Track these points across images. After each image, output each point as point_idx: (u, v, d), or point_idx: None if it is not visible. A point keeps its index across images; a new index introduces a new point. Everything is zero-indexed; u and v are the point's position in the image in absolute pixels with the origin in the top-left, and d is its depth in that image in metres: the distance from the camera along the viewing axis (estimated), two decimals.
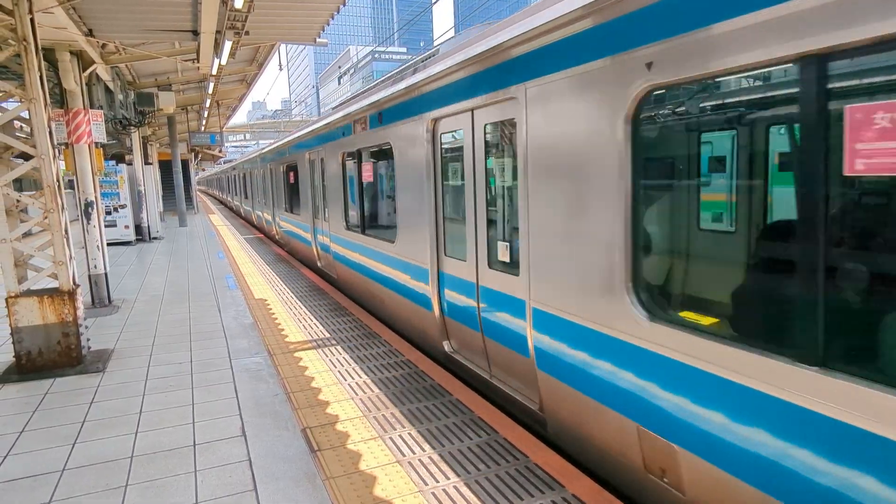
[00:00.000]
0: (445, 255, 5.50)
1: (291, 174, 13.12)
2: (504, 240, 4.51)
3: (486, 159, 4.71)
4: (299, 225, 12.39)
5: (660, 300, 3.26)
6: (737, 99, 3.17)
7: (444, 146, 5.36)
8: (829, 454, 2.21)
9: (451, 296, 5.37)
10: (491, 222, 4.72)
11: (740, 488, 2.58)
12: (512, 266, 4.37)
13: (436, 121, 5.34)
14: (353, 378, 5.28)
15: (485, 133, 4.62)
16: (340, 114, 8.44)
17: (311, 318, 7.56)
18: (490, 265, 4.68)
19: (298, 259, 13.21)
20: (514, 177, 4.27)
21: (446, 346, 5.60)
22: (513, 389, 4.55)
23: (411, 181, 6.01)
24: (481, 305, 4.82)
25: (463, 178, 5.03)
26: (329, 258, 10.07)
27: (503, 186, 4.57)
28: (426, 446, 3.93)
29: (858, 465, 2.12)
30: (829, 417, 2.21)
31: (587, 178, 3.38)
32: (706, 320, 3.13)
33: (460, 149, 5.02)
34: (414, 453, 3.83)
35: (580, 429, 3.70)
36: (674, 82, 2.77)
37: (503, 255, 4.49)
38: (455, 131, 5.07)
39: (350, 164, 8.53)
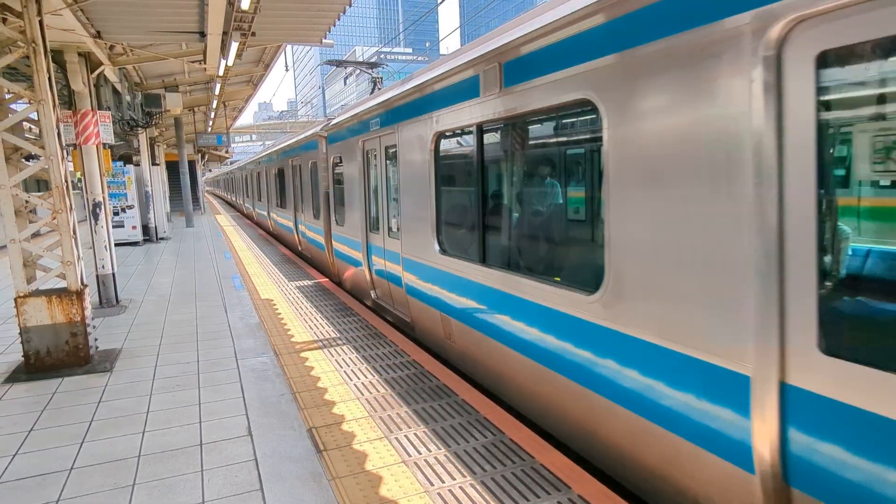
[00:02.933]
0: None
1: (326, 170, 10.75)
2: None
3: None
4: (343, 240, 9.62)
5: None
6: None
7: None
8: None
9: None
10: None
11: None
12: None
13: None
14: (359, 378, 5.28)
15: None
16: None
17: (318, 317, 7.58)
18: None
19: (348, 289, 9.84)
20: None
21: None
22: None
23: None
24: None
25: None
26: (394, 290, 7.23)
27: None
28: (432, 446, 3.92)
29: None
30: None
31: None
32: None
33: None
34: (420, 454, 3.83)
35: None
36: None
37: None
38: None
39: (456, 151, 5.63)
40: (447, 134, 5.52)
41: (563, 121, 4.06)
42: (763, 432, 2.46)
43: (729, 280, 2.57)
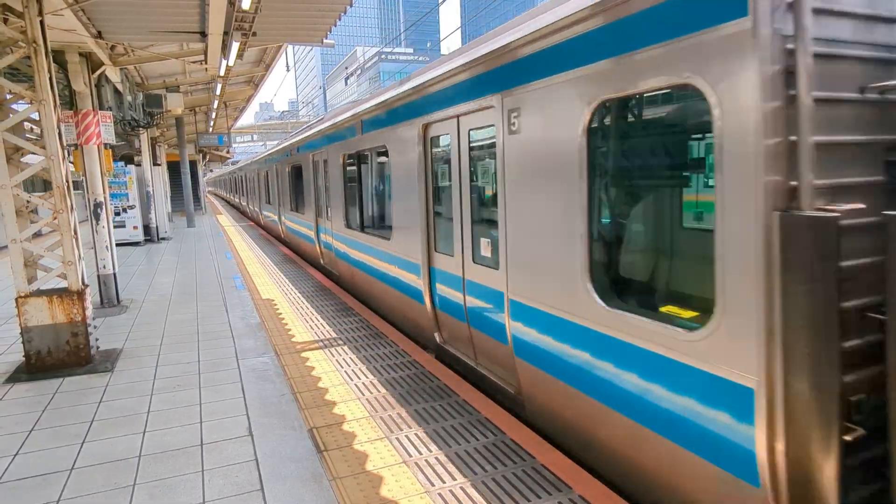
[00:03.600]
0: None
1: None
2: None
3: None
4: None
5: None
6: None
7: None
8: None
9: None
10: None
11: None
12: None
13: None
14: (359, 378, 5.28)
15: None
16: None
17: (318, 317, 7.58)
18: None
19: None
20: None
21: None
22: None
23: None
24: None
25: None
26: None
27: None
28: (433, 447, 3.92)
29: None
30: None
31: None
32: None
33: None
34: (420, 454, 3.83)
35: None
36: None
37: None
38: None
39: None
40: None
41: None
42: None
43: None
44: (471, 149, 5.02)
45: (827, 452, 2.35)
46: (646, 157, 3.66)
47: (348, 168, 9.12)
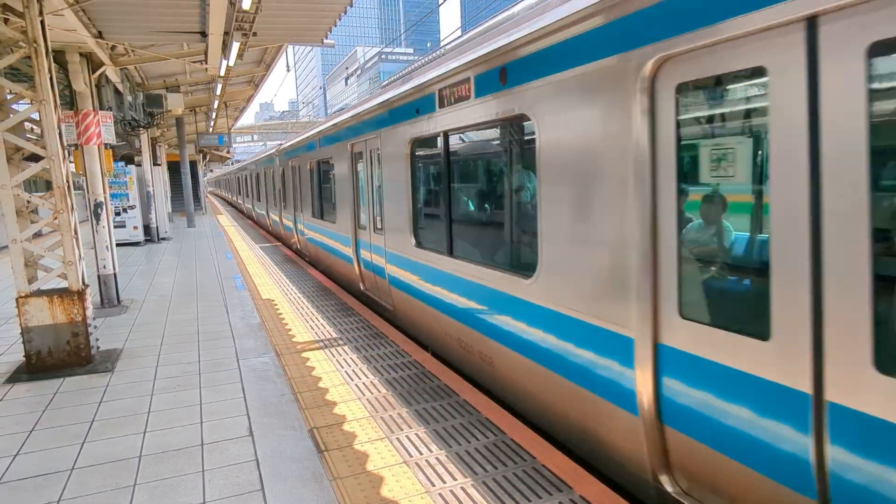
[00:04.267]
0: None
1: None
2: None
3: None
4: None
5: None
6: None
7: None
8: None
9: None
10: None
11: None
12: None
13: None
14: (360, 378, 5.28)
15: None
16: None
17: (319, 318, 7.58)
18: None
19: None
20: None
21: None
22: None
23: None
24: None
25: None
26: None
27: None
28: (433, 447, 3.92)
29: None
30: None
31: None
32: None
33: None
34: (421, 454, 3.82)
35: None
36: None
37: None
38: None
39: None
40: None
41: None
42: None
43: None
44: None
45: None
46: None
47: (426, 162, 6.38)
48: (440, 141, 5.65)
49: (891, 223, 2.22)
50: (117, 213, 15.94)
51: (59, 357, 5.76)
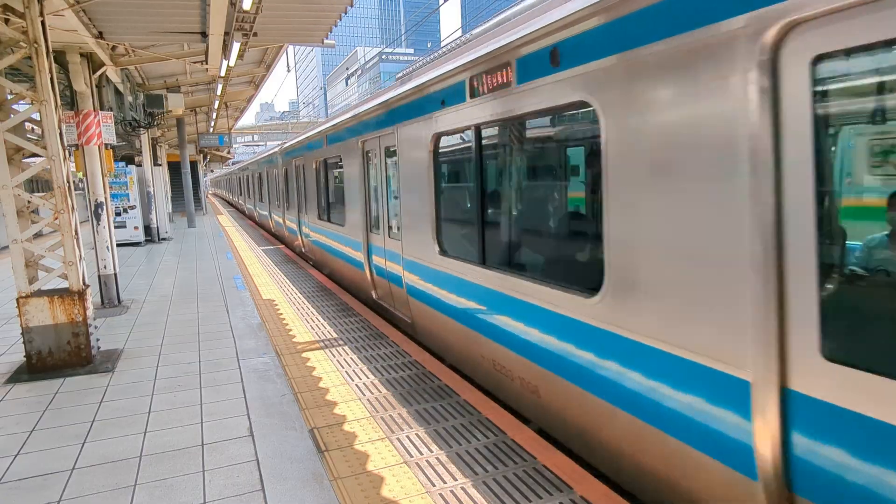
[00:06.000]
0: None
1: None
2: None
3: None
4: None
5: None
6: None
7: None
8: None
9: None
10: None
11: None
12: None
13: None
14: (360, 378, 5.28)
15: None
16: None
17: (319, 318, 7.58)
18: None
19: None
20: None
21: None
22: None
23: None
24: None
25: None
26: None
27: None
28: (434, 447, 3.92)
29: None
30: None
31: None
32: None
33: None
34: (421, 454, 3.82)
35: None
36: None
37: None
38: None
39: None
40: None
41: None
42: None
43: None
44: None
45: None
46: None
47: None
48: (471, 135, 4.96)
49: None
50: (118, 214, 15.94)
51: (59, 357, 5.76)
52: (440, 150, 5.64)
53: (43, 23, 5.52)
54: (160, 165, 20.74)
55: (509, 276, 4.42)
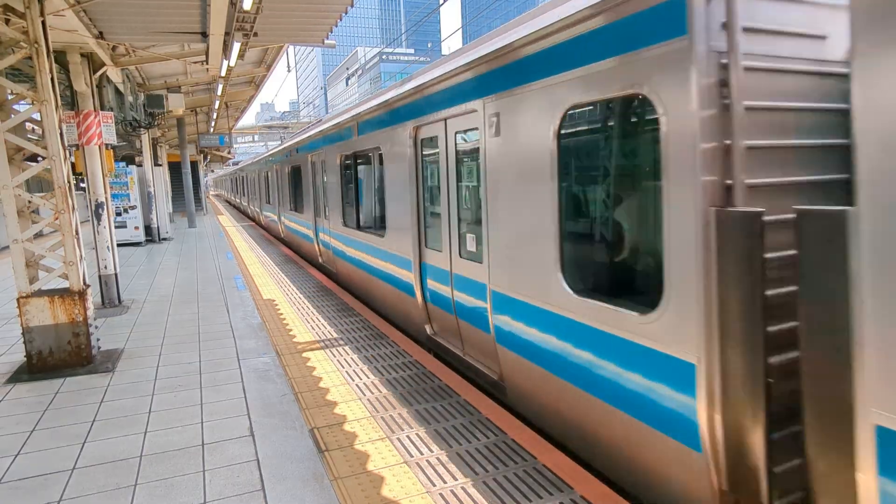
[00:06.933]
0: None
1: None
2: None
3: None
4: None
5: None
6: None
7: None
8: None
9: None
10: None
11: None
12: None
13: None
14: (360, 378, 5.28)
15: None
16: None
17: (319, 318, 7.58)
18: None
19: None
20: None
21: None
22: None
23: None
24: None
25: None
26: None
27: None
28: (434, 447, 3.92)
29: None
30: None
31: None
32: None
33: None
34: (422, 454, 3.82)
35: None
36: None
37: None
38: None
39: None
40: None
41: None
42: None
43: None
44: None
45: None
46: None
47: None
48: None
49: None
50: (118, 214, 15.94)
51: (60, 357, 5.76)
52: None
53: (43, 23, 5.53)
54: (160, 165, 20.74)
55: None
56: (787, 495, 2.66)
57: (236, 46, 7.91)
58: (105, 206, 8.83)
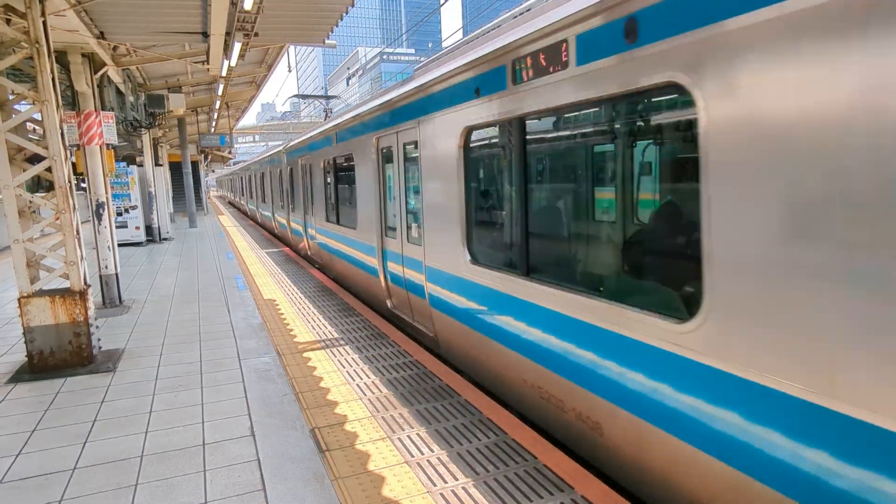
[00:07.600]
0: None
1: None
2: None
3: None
4: None
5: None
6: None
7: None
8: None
9: None
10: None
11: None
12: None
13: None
14: (361, 378, 5.28)
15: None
16: None
17: (320, 318, 7.58)
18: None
19: None
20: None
21: None
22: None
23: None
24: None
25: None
26: None
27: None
28: (435, 447, 3.92)
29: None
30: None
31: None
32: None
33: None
34: (422, 454, 3.82)
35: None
36: None
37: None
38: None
39: None
40: None
41: None
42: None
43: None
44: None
45: None
46: None
47: None
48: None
49: None
50: (119, 214, 15.96)
51: (60, 357, 5.77)
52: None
53: (44, 23, 5.53)
54: (161, 165, 20.76)
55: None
56: None
57: (237, 46, 7.91)
58: (106, 206, 8.84)
